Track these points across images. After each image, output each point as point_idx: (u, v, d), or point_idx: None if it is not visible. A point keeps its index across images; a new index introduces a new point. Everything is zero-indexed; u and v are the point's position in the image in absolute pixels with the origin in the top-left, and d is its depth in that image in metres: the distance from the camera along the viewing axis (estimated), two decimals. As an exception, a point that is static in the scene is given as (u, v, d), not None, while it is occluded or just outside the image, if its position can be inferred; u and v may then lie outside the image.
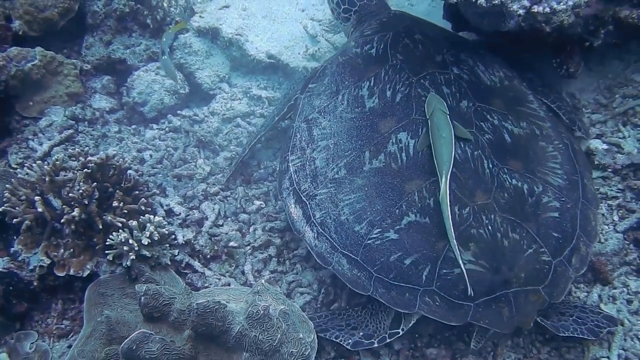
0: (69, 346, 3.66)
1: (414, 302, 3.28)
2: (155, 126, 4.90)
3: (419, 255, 3.32)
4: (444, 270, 3.27)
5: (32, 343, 3.74)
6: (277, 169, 4.15)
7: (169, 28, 5.06)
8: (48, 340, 3.78)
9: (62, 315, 3.86)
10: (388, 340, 3.43)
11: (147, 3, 5.09)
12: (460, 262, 3.15)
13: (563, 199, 3.51)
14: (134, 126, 4.94)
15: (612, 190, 4.06)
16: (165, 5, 5.12)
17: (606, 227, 3.93)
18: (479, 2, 3.10)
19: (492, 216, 3.35)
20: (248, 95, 5.11)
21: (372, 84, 3.85)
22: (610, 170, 4.09)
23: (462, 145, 3.52)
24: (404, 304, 3.31)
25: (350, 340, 3.45)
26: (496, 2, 3.10)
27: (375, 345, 3.43)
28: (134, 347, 2.91)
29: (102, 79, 5.15)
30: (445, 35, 4.26)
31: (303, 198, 3.71)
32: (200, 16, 5.34)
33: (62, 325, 3.83)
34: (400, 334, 3.43)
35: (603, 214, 3.99)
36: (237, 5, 5.51)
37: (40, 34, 4.96)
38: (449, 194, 3.25)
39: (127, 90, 5.02)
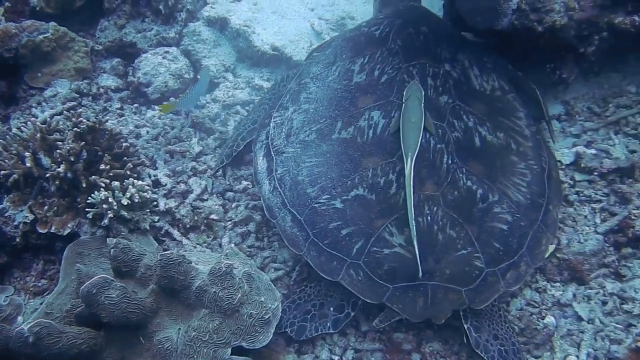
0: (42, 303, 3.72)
1: (339, 271, 3.34)
2: (157, 107, 5.01)
3: (356, 228, 3.37)
4: (375, 248, 3.31)
5: (7, 297, 3.80)
6: (259, 123, 4.24)
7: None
8: (24, 296, 3.84)
9: (41, 275, 3.94)
10: (359, 303, 3.45)
11: (161, -11, 5.27)
12: (415, 243, 3.18)
13: (518, 215, 3.49)
14: (135, 105, 5.06)
15: (597, 193, 4.03)
16: (178, -8, 5.29)
17: (587, 228, 3.90)
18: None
19: (435, 208, 3.36)
20: (250, 85, 5.22)
21: (365, 61, 3.96)
22: (596, 173, 4.07)
23: (427, 136, 3.55)
24: (329, 271, 3.37)
25: (328, 324, 3.46)
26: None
27: (352, 314, 3.45)
28: (94, 291, 2.92)
29: (112, 60, 5.33)
30: (453, 35, 4.29)
31: (272, 153, 3.82)
32: (211, 7, 5.51)
33: (40, 284, 3.90)
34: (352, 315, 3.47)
35: (585, 216, 3.96)
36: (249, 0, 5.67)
37: (58, 12, 5.18)
38: (413, 178, 3.28)
39: (133, 71, 5.17)
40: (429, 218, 3.33)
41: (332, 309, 3.47)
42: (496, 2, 3.93)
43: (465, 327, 3.38)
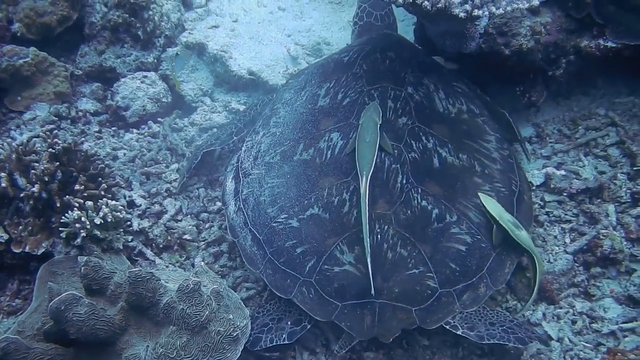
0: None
1: (292, 289, 3.42)
2: (135, 130, 5.07)
3: (309, 246, 3.44)
4: (326, 266, 3.37)
5: (-20, 315, 3.82)
6: (233, 147, 4.35)
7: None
8: (-3, 315, 3.86)
9: (15, 295, 3.95)
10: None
11: (140, 16, 5.36)
12: (369, 260, 3.22)
13: (478, 236, 3.50)
14: (114, 128, 5.11)
15: (566, 214, 4.10)
16: (156, 19, 5.38)
17: (557, 248, 3.96)
18: (423, 4, 3.25)
19: (386, 227, 3.41)
20: (227, 108, 5.30)
21: (331, 85, 4.06)
22: (565, 194, 4.14)
23: (382, 156, 3.61)
24: (283, 288, 3.44)
25: (284, 335, 3.46)
26: (440, 5, 3.25)
27: (308, 326, 3.46)
28: (62, 308, 2.93)
29: (92, 85, 5.39)
30: (423, 61, 4.33)
31: (240, 175, 3.92)
32: (189, 32, 5.63)
33: (14, 303, 3.91)
34: (308, 327, 3.47)
35: (555, 236, 4.03)
36: (226, 26, 5.79)
37: (38, 38, 5.24)
38: (368, 196, 3.34)
39: (111, 94, 5.24)
40: (379, 236, 3.38)
41: (289, 322, 3.50)
42: (464, 26, 4.04)
43: (461, 333, 3.35)
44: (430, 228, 3.45)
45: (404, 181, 3.56)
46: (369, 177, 3.38)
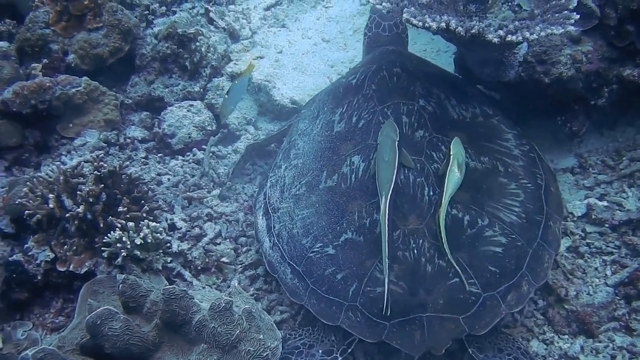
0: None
1: (338, 315, 3.41)
2: (180, 157, 5.21)
3: (349, 271, 3.46)
4: (368, 288, 3.38)
5: (25, 331, 3.94)
6: (259, 184, 4.42)
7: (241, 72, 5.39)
8: (41, 331, 3.96)
9: (59, 312, 4.08)
10: (349, 350, 3.49)
11: (187, 48, 5.55)
12: (386, 280, 3.25)
13: (513, 236, 3.50)
14: (160, 154, 5.27)
15: (608, 246, 4.01)
16: (203, 50, 5.56)
17: (597, 280, 3.86)
18: (457, 30, 3.28)
19: (420, 241, 3.42)
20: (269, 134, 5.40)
21: (344, 110, 4.10)
22: (607, 225, 4.06)
23: (406, 172, 3.63)
24: (329, 316, 3.44)
25: None
26: (474, 31, 3.28)
27: (339, 358, 3.47)
28: (98, 322, 3.03)
29: (140, 113, 5.58)
30: (429, 72, 4.37)
31: (269, 211, 3.98)
32: (235, 63, 5.79)
33: (57, 320, 4.03)
34: (357, 339, 3.47)
35: (596, 268, 3.94)
36: (271, 57, 5.95)
37: (91, 68, 5.48)
38: (388, 216, 3.35)
39: (158, 122, 5.40)
40: (415, 251, 3.39)
41: (320, 351, 3.52)
42: (502, 54, 4.05)
43: (471, 352, 3.38)
44: (464, 235, 3.46)
45: (431, 193, 3.58)
46: (389, 195, 3.39)
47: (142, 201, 4.22)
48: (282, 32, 6.43)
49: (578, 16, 3.40)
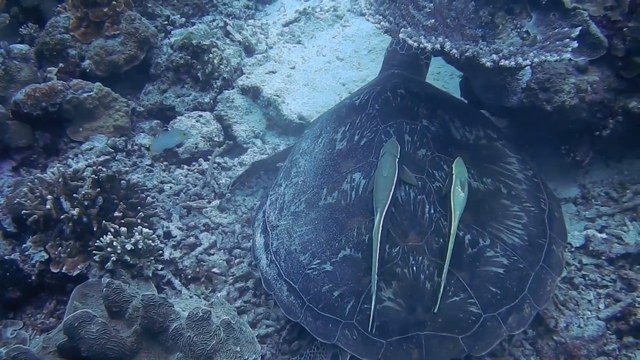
0: (44, 339, 3.89)
1: (335, 333, 3.34)
2: (185, 166, 5.25)
3: (346, 288, 3.40)
4: (365, 305, 3.31)
5: (15, 330, 4.00)
6: (259, 202, 4.40)
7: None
8: (31, 331, 4.02)
9: (51, 313, 4.14)
10: None
11: (200, 58, 5.63)
12: (374, 296, 3.21)
13: (515, 257, 3.44)
14: (166, 163, 5.32)
15: (603, 279, 3.92)
16: (215, 61, 5.63)
17: (589, 312, 3.77)
18: (451, 52, 3.26)
19: (420, 258, 3.36)
20: (276, 151, 5.41)
21: (346, 129, 4.07)
22: (604, 258, 3.97)
23: (407, 189, 3.58)
24: (325, 334, 3.38)
25: None
26: (468, 54, 3.26)
27: None
28: (76, 324, 3.03)
29: (151, 121, 5.68)
30: (433, 94, 4.33)
31: (268, 228, 3.95)
32: (247, 76, 5.84)
33: (48, 321, 4.09)
34: None
35: (589, 301, 3.85)
36: (283, 72, 5.97)
37: (106, 75, 5.61)
38: (381, 232, 3.29)
39: (167, 131, 5.49)
40: (414, 268, 3.33)
41: None
42: (505, 79, 4.01)
43: None
44: (465, 254, 3.40)
45: (432, 211, 3.52)
46: (384, 211, 3.35)
47: (139, 207, 4.26)
48: (297, 48, 6.47)
49: (576, 44, 3.34)
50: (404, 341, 3.23)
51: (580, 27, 3.52)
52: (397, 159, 3.59)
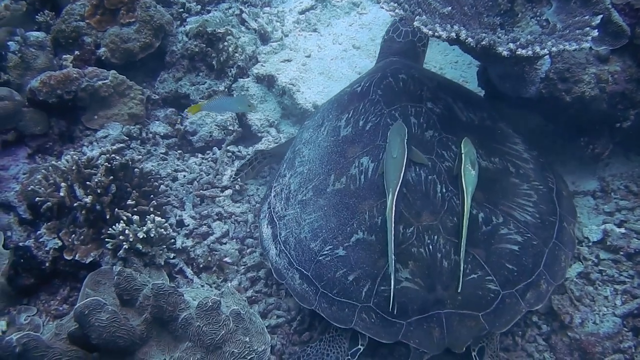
0: (57, 325, 3.90)
1: (352, 317, 3.32)
2: (200, 155, 5.24)
3: (361, 271, 3.37)
4: (382, 287, 3.29)
5: (28, 316, 4.02)
6: (263, 195, 4.39)
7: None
8: (45, 317, 4.04)
9: (64, 300, 4.15)
10: None
11: (215, 46, 5.59)
12: (392, 277, 3.17)
13: (528, 234, 3.45)
14: (180, 151, 5.31)
15: (621, 274, 3.84)
16: (230, 49, 5.59)
17: (605, 309, 3.70)
18: (467, 40, 3.19)
19: (435, 237, 3.34)
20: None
21: (349, 115, 4.04)
22: (622, 253, 3.89)
23: (417, 169, 3.56)
24: (342, 319, 3.35)
25: None
26: (484, 43, 3.19)
27: None
28: (86, 312, 3.04)
29: (166, 110, 5.65)
30: (433, 79, 4.30)
31: (274, 219, 3.93)
32: (262, 65, 5.79)
33: (61, 308, 4.10)
34: (361, 349, 3.43)
35: (606, 297, 3.77)
36: (298, 60, 5.91)
37: (121, 62, 5.59)
38: (394, 212, 3.27)
39: (181, 119, 5.47)
40: (430, 247, 3.32)
41: None
42: (523, 69, 3.92)
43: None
44: (479, 232, 3.40)
45: (444, 190, 3.51)
46: (397, 191, 3.32)
47: (152, 195, 4.25)
48: (313, 36, 6.40)
49: (596, 33, 3.26)
50: (424, 320, 3.22)
51: (601, 15, 3.46)
52: (405, 140, 3.55)
